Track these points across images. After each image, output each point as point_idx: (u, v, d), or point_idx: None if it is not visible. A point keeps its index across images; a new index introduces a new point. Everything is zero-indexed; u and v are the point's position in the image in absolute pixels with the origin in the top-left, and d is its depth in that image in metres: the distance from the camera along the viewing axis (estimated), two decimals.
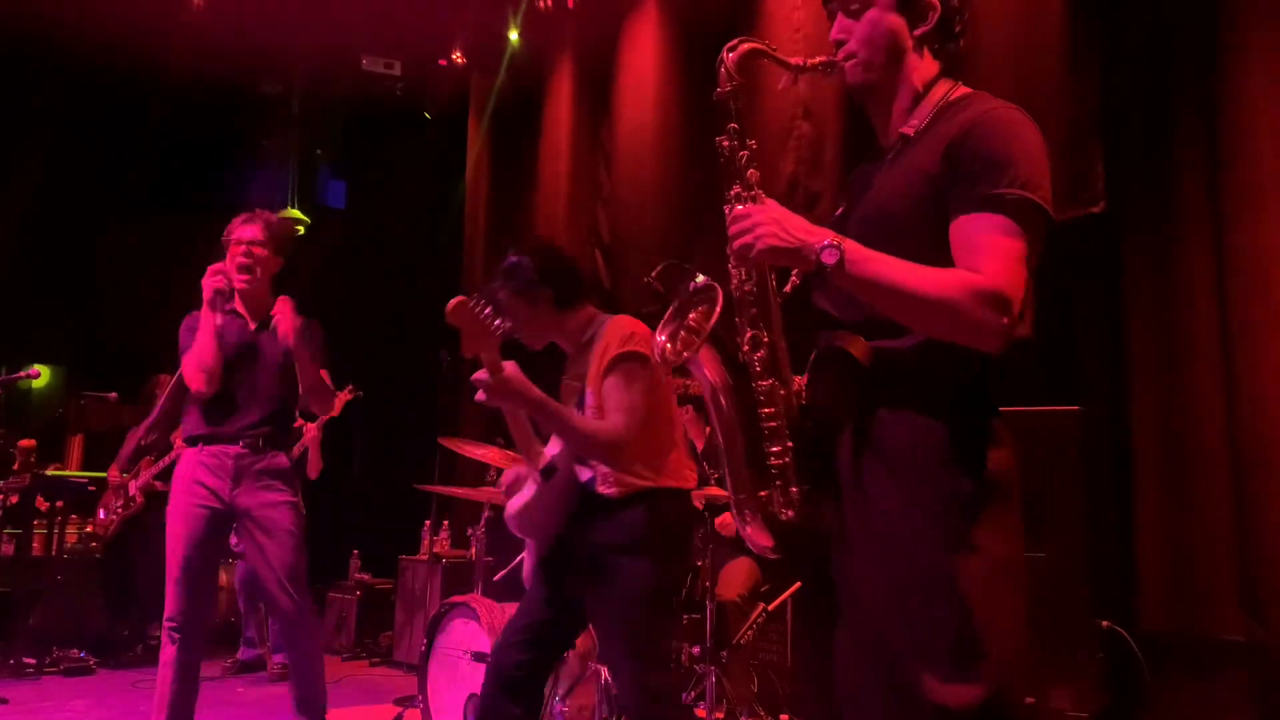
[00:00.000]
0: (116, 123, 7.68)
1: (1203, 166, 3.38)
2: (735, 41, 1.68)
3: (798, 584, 3.96)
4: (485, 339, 2.38)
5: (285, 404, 3.49)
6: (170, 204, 8.08)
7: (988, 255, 1.48)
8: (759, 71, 5.32)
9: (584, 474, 2.62)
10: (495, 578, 4.45)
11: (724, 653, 3.57)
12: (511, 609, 3.80)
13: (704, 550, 3.62)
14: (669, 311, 1.69)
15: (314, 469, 5.52)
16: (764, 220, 1.52)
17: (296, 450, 5.41)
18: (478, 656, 3.68)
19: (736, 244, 1.54)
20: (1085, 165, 3.45)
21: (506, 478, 2.83)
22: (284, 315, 3.39)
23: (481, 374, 2.38)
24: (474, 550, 4.51)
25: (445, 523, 6.06)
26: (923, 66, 1.68)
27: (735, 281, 1.62)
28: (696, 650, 3.53)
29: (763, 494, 1.60)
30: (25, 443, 6.43)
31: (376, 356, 7.82)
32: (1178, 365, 3.36)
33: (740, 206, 1.58)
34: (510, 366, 2.42)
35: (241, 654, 5.64)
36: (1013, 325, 1.47)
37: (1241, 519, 3.15)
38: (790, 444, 1.59)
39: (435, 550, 5.82)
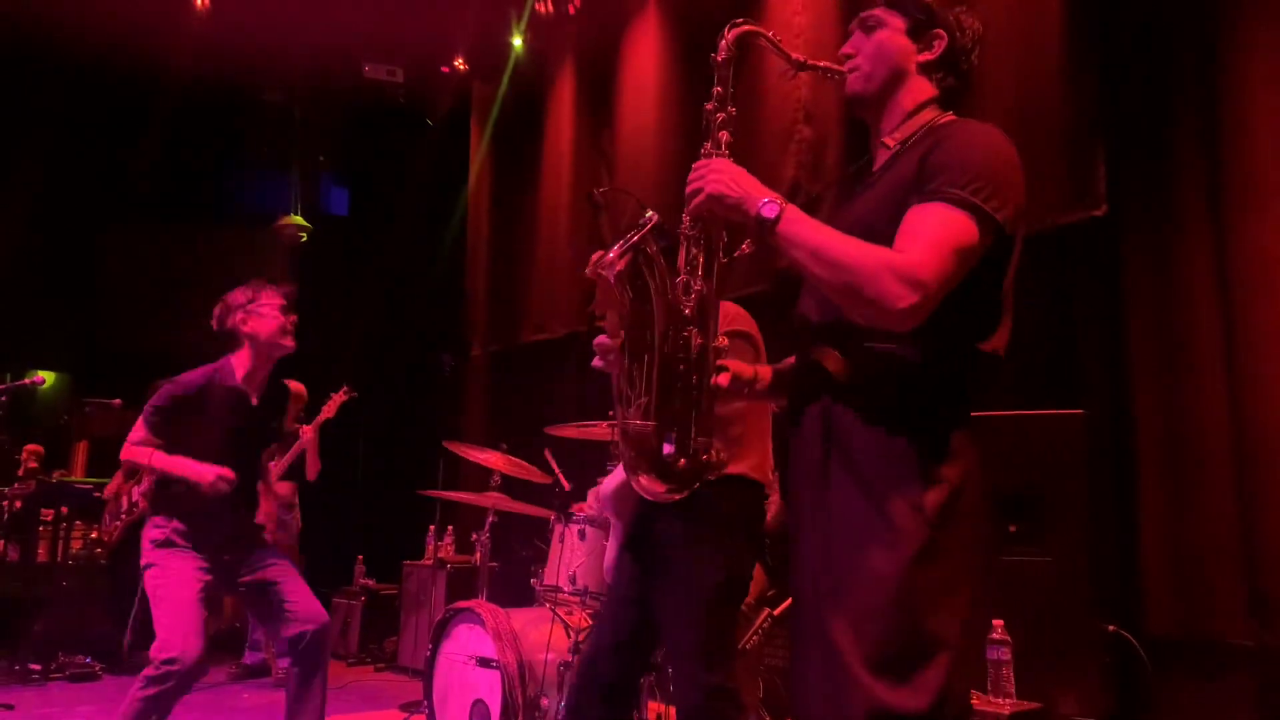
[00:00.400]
0: (119, 129, 7.70)
1: (1203, 168, 3.38)
2: (739, 20, 1.78)
3: None
4: (612, 301, 2.32)
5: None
6: (173, 210, 8.11)
7: (915, 239, 1.52)
8: (761, 75, 5.34)
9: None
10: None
11: None
12: (517, 614, 3.81)
13: None
14: (625, 238, 1.73)
15: (312, 471, 5.53)
16: (718, 169, 1.62)
17: (293, 453, 5.42)
18: (482, 662, 3.68)
19: (689, 189, 1.62)
20: (1085, 168, 3.46)
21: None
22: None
23: (603, 338, 2.24)
24: (478, 555, 4.51)
25: (449, 528, 6.07)
26: (918, 90, 1.76)
27: (687, 225, 1.69)
28: None
29: (652, 427, 1.64)
30: (31, 448, 6.45)
31: (379, 362, 7.84)
32: (1180, 367, 3.36)
33: (701, 161, 1.67)
34: None
35: (247, 658, 5.65)
36: (923, 308, 1.49)
37: (1246, 521, 3.15)
38: (695, 395, 1.64)
39: (440, 555, 5.83)
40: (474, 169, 7.54)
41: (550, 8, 6.44)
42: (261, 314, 3.34)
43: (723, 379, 1.68)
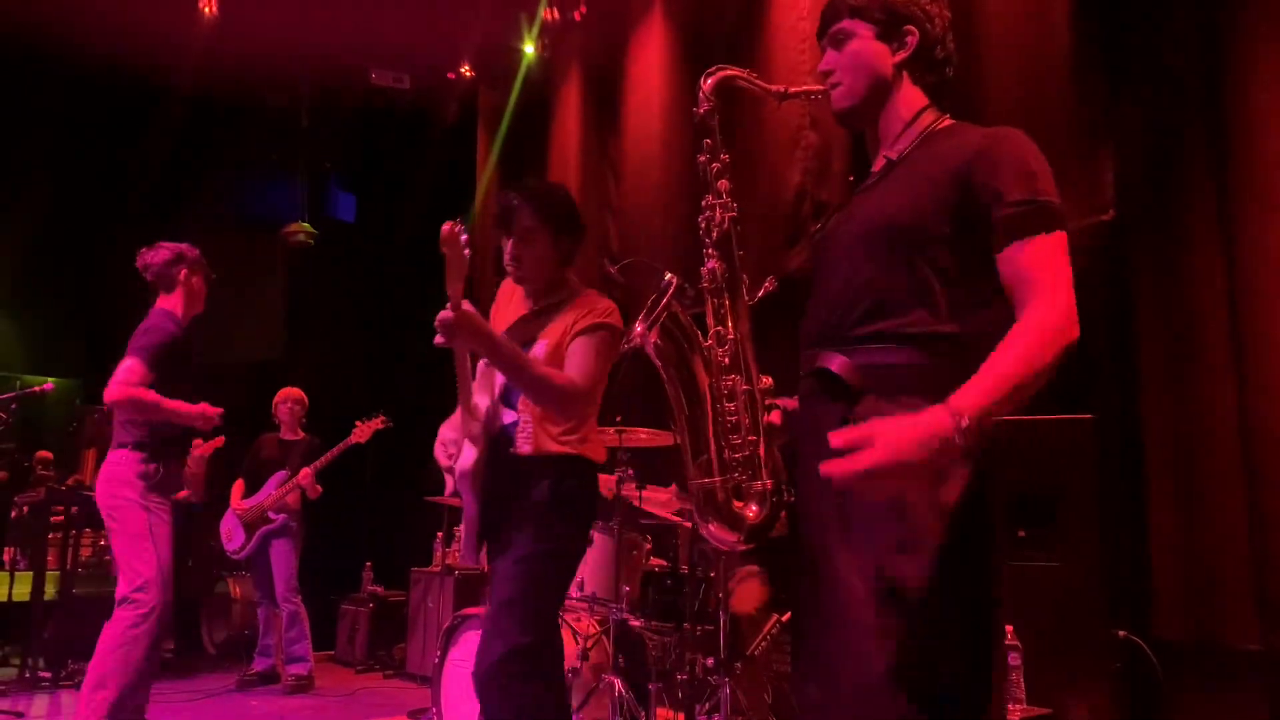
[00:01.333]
0: (127, 135, 7.73)
1: (1212, 171, 3.37)
2: (713, 69, 1.83)
3: None
4: (460, 275, 2.31)
5: None
6: (180, 217, 8.13)
7: (1040, 278, 1.52)
8: (766, 77, 5.35)
9: (506, 417, 2.60)
10: None
11: (738, 664, 3.56)
12: None
13: (716, 561, 3.62)
14: (648, 304, 1.80)
15: (313, 493, 5.59)
16: (878, 433, 1.40)
17: (295, 482, 5.47)
18: None
19: (858, 486, 1.41)
20: (1094, 173, 3.45)
21: (445, 433, 2.73)
22: None
23: (446, 313, 2.32)
24: (486, 562, 4.51)
25: (457, 534, 6.07)
26: (909, 95, 1.75)
27: (707, 279, 1.72)
28: (710, 662, 3.52)
29: (717, 481, 1.68)
30: (41, 455, 6.48)
31: (386, 369, 7.85)
32: (1190, 372, 3.35)
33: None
34: (468, 305, 2.36)
35: (255, 665, 5.66)
36: (1078, 330, 1.51)
37: (1256, 527, 3.14)
38: (752, 438, 1.66)
39: (447, 562, 5.83)
40: (480, 175, 7.55)
41: (556, 15, 6.45)
42: (200, 274, 3.78)
43: (774, 417, 1.72)
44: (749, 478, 1.67)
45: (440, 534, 6.05)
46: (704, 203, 1.76)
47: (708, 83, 1.80)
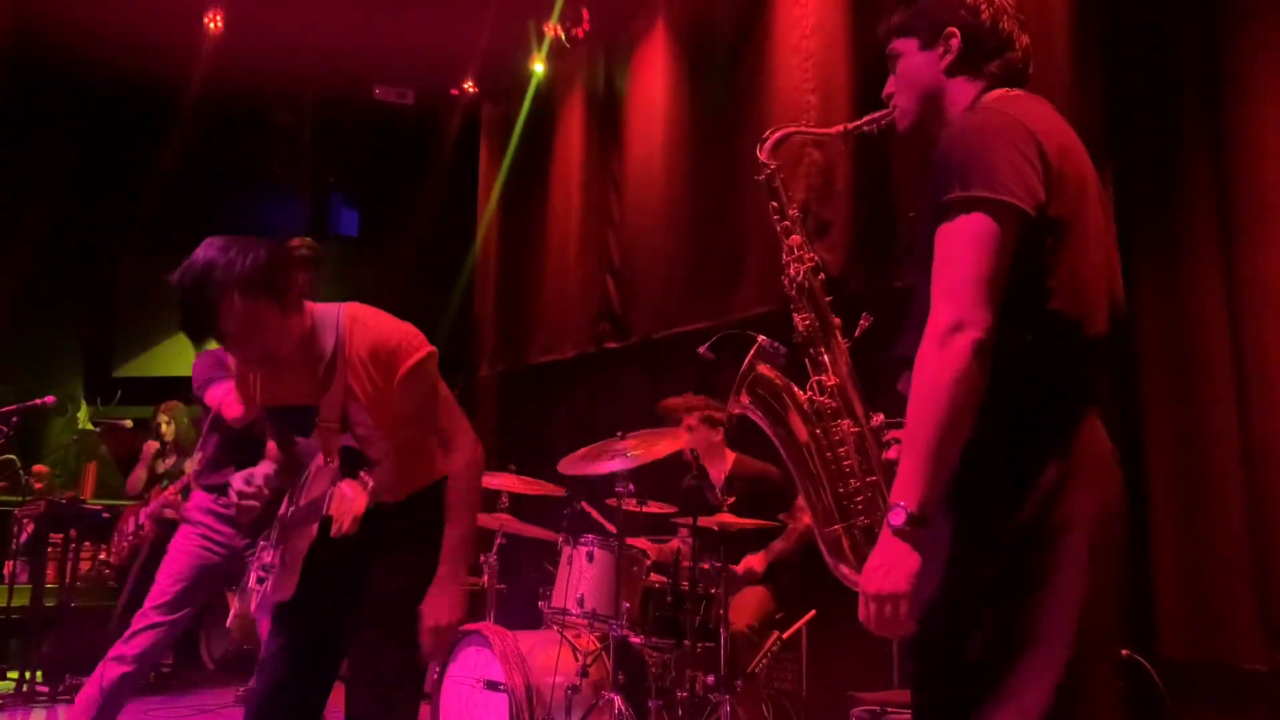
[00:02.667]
0: (132, 151, 7.76)
1: (1212, 185, 3.37)
2: (768, 132, 1.92)
3: (812, 612, 3.94)
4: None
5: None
6: (184, 232, 8.14)
7: (934, 289, 1.47)
8: (770, 99, 5.33)
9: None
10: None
11: (738, 681, 3.54)
12: (524, 636, 3.79)
13: (717, 579, 3.60)
14: (740, 374, 1.84)
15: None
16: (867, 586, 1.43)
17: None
18: (490, 685, 3.67)
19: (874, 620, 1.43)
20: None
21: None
22: None
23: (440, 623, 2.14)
24: (486, 577, 4.50)
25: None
26: (958, 95, 1.69)
27: (800, 328, 1.76)
28: (710, 679, 3.50)
29: (839, 528, 1.70)
30: (40, 469, 6.46)
31: None
32: (1191, 387, 3.34)
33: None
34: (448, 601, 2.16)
35: (254, 682, 5.63)
36: (983, 332, 1.41)
37: (1259, 544, 3.12)
38: (871, 478, 1.67)
39: None
40: (483, 190, 7.57)
41: (559, 31, 6.48)
42: None
43: (893, 453, 1.69)
44: (872, 519, 1.68)
45: None
46: (782, 260, 1.85)
47: (766, 146, 1.87)
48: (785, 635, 3.83)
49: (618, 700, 3.52)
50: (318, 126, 7.90)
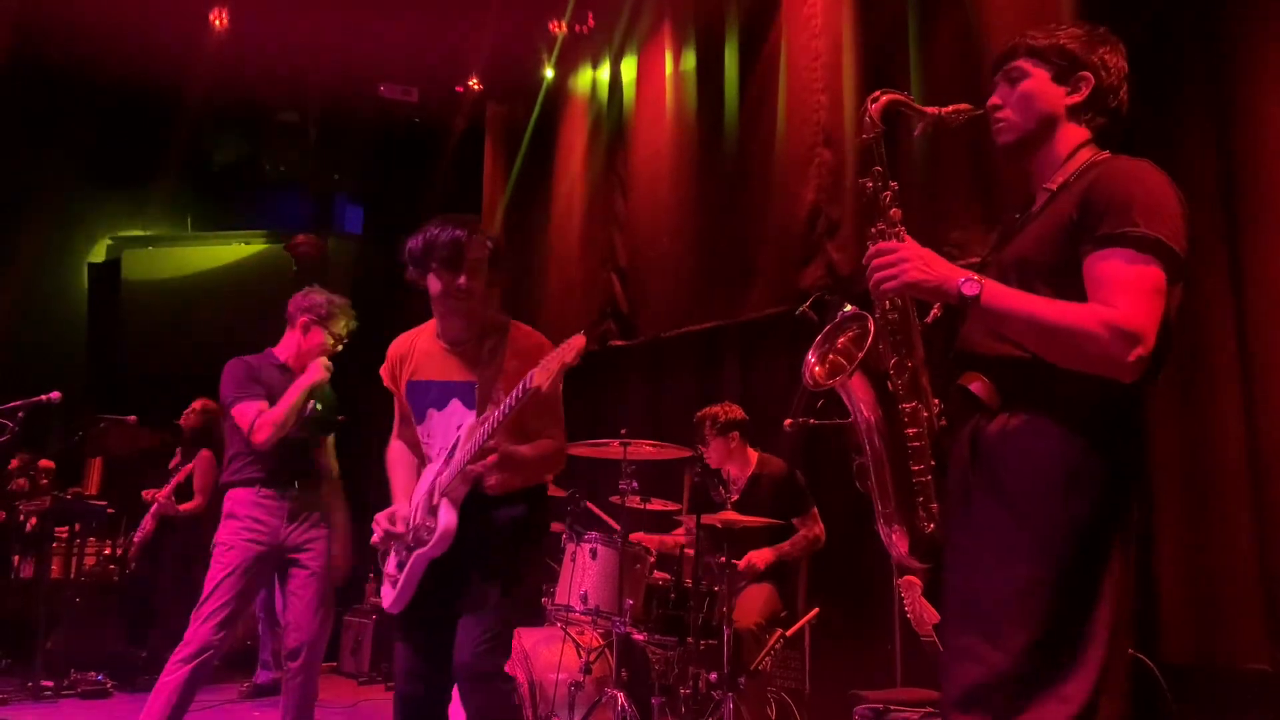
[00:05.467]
0: (137, 149, 7.77)
1: (1218, 186, 3.37)
2: (878, 93, 1.84)
3: (815, 610, 3.94)
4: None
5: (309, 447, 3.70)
6: (190, 229, 8.16)
7: (1117, 289, 1.57)
8: (781, 97, 5.33)
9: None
10: None
11: (741, 679, 3.54)
12: (527, 633, 3.80)
13: (721, 576, 3.61)
14: (819, 337, 1.82)
15: None
16: (910, 256, 1.65)
17: None
18: None
19: (878, 275, 1.65)
20: None
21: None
22: None
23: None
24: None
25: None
26: (1071, 133, 1.82)
27: (880, 310, 1.75)
28: (714, 677, 3.51)
29: (903, 508, 1.72)
30: (45, 464, 6.48)
31: None
32: (1197, 392, 3.34)
33: (883, 241, 1.71)
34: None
35: (258, 677, 5.64)
36: (1146, 357, 1.54)
37: (1264, 546, 3.12)
38: (932, 462, 1.72)
39: None
40: (487, 188, 7.57)
41: (563, 28, 6.48)
42: (318, 332, 3.74)
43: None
44: (927, 500, 1.73)
45: None
46: (874, 229, 1.76)
47: (874, 107, 1.82)
48: (789, 633, 3.84)
49: (621, 697, 3.53)
50: (322, 124, 7.90)
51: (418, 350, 2.77)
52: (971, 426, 1.70)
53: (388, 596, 2.68)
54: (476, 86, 7.36)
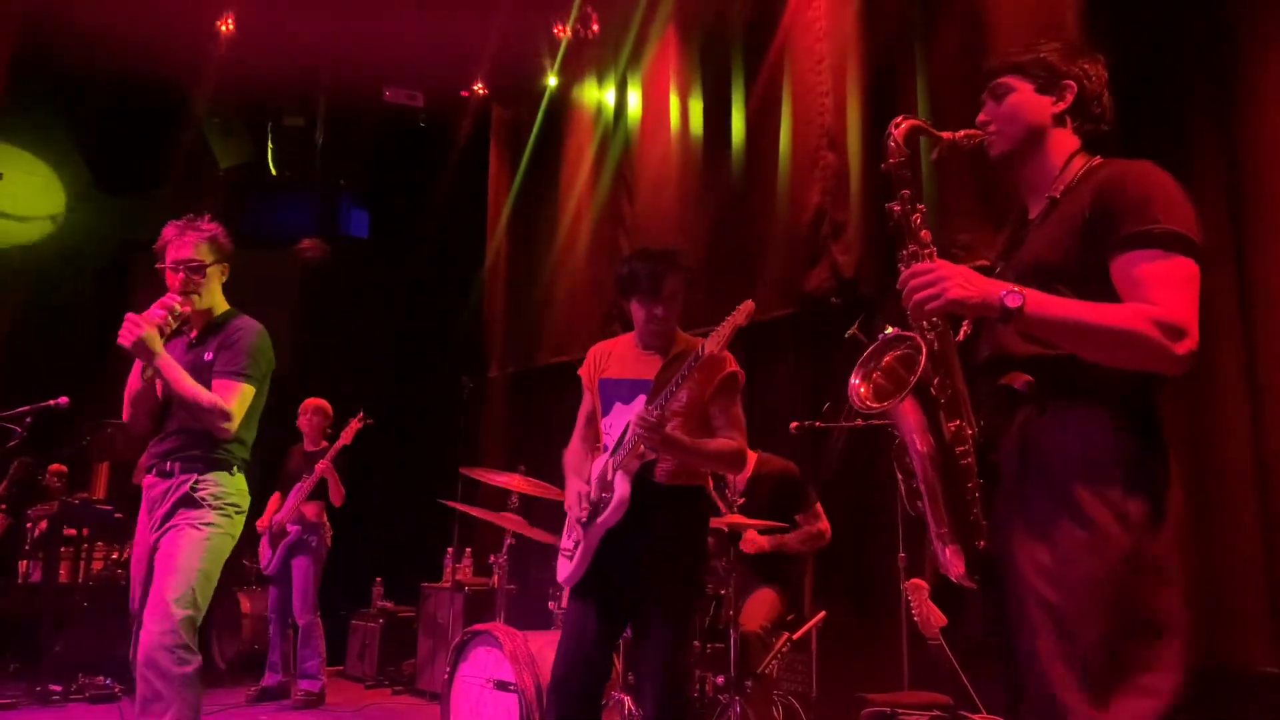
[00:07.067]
0: (142, 153, 7.79)
1: (1224, 191, 3.37)
2: (899, 119, 1.88)
3: (822, 614, 3.94)
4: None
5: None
6: None
7: (1154, 286, 1.61)
8: (785, 101, 5.33)
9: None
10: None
11: (748, 682, 3.54)
12: (535, 637, 3.80)
13: (728, 579, 3.61)
14: (862, 357, 1.82)
15: (336, 497, 5.56)
16: (949, 274, 1.66)
17: (313, 481, 5.47)
18: (500, 685, 3.67)
19: (920, 295, 1.66)
20: None
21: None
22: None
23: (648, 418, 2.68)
24: (496, 578, 4.51)
25: (468, 550, 6.07)
26: (1063, 141, 1.87)
27: (917, 331, 1.76)
28: (720, 680, 3.50)
29: (958, 527, 1.72)
30: (55, 468, 6.50)
31: (399, 384, 7.87)
32: (1203, 393, 3.33)
33: (917, 263, 1.74)
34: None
35: (266, 680, 5.65)
36: (1193, 350, 1.58)
37: (1271, 548, 3.11)
38: (980, 480, 1.72)
39: (458, 578, 5.83)
40: (493, 192, 7.59)
41: (568, 32, 6.50)
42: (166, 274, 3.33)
43: None
44: (977, 516, 1.73)
45: (450, 549, 6.04)
46: (905, 252, 1.79)
47: (898, 132, 1.85)
48: (795, 636, 3.83)
49: (627, 701, 3.53)
50: (328, 128, 7.93)
51: (615, 353, 3.07)
52: (1020, 423, 1.73)
53: (564, 569, 2.91)
54: (482, 91, 7.39)
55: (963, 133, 1.92)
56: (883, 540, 3.93)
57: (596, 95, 6.60)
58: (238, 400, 3.08)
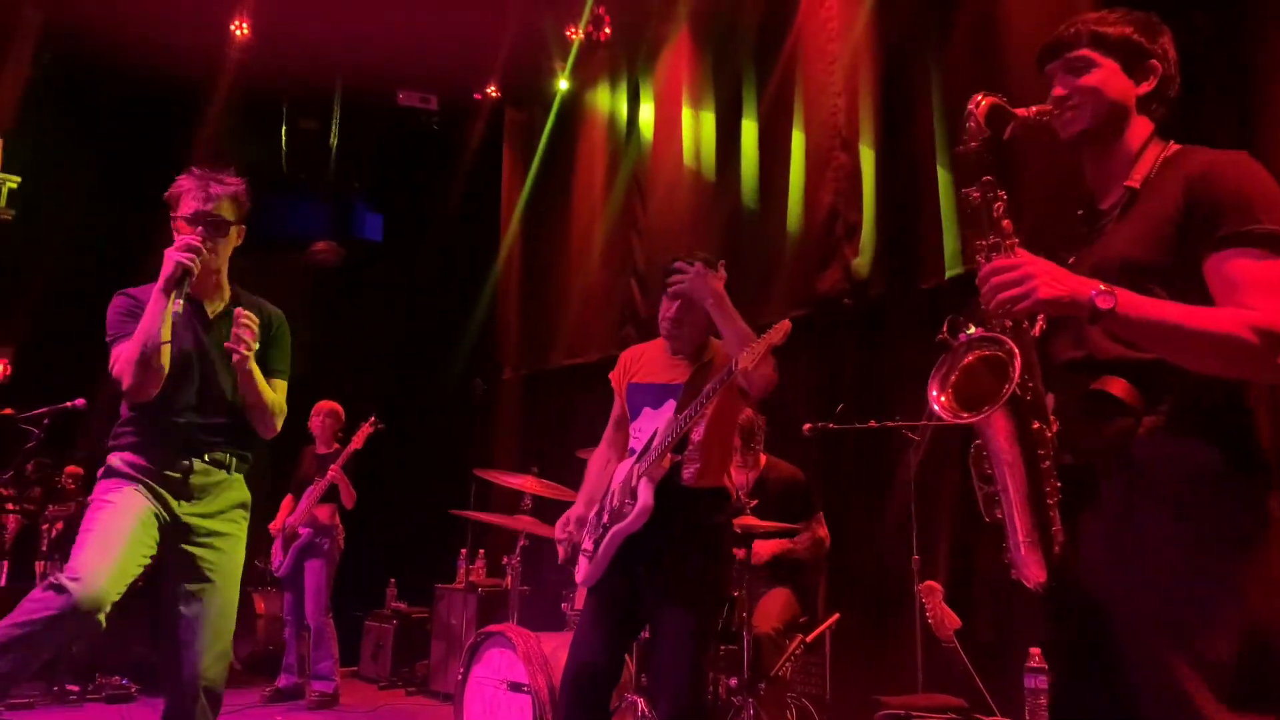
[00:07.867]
0: (156, 157, 7.83)
1: None
2: (978, 97, 1.75)
3: (835, 616, 3.93)
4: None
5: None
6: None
7: (1254, 291, 1.53)
8: (797, 101, 5.31)
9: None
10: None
11: (761, 685, 3.54)
12: (548, 638, 3.80)
13: (740, 581, 3.60)
14: (940, 362, 1.68)
15: (348, 499, 5.58)
16: (1037, 271, 1.54)
17: (324, 484, 5.48)
18: (513, 686, 3.68)
19: (1006, 294, 1.55)
20: None
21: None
22: None
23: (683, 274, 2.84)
24: (509, 579, 4.51)
25: (481, 551, 6.08)
26: (1140, 126, 1.78)
27: (1009, 327, 1.64)
28: (734, 682, 3.50)
29: (1038, 533, 1.62)
30: (71, 469, 6.54)
31: (412, 387, 7.89)
32: None
33: (1000, 257, 1.61)
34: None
35: (281, 681, 5.67)
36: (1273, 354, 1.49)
37: None
38: (1059, 484, 1.62)
39: (471, 579, 5.84)
40: (506, 194, 7.60)
41: (581, 34, 6.51)
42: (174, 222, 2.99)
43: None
44: (1055, 522, 1.65)
45: (464, 550, 6.06)
46: (982, 243, 1.65)
47: (979, 110, 1.73)
48: (809, 638, 3.83)
49: (640, 703, 3.52)
50: (342, 131, 7.96)
51: (645, 357, 3.10)
52: (1118, 432, 1.62)
53: (582, 570, 2.92)
54: (495, 94, 7.41)
55: (1035, 109, 1.78)
56: (897, 543, 3.92)
57: (609, 98, 6.60)
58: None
